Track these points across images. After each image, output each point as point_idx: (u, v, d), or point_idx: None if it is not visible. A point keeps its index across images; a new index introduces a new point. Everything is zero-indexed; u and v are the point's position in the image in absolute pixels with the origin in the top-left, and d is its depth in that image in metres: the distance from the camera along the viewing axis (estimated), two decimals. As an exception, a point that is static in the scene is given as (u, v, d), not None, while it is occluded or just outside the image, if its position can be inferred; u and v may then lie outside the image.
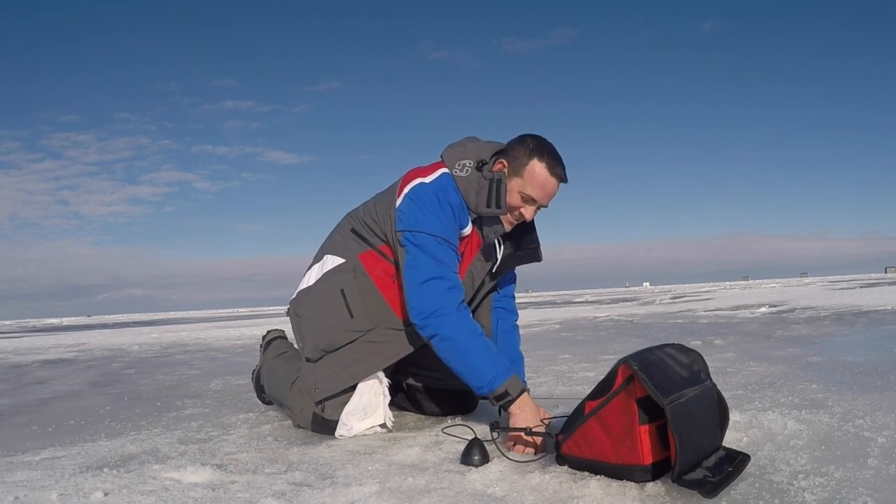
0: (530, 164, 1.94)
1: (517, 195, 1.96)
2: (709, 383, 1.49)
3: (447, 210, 1.94)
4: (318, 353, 2.08)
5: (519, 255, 2.13)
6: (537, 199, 1.96)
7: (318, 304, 2.11)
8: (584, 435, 1.46)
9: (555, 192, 1.99)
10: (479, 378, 1.81)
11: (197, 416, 2.55)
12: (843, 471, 1.39)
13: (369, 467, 1.62)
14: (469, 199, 1.98)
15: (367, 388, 2.05)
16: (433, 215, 1.93)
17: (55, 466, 1.76)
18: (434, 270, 1.89)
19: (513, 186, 1.96)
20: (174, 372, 4.45)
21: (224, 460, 1.76)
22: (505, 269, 2.15)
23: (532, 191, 1.95)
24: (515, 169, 1.96)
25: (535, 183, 1.94)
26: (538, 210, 2.02)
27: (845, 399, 2.16)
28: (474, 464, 1.58)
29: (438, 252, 1.91)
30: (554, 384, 2.92)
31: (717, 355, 3.65)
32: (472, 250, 2.05)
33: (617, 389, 1.40)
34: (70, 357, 6.42)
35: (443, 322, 1.86)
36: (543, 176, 1.94)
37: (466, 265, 2.05)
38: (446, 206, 1.94)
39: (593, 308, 13.03)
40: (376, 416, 2.04)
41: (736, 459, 1.43)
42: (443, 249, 1.91)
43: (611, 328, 6.76)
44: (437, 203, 1.94)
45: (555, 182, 1.96)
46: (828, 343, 4.16)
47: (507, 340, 2.23)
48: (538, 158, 1.94)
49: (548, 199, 2.00)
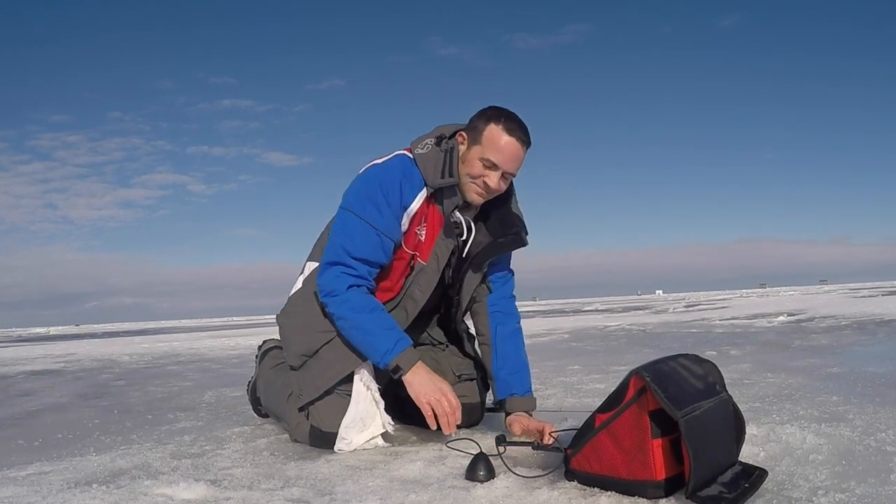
0: (487, 128, 1.98)
1: (478, 163, 1.98)
2: (724, 395, 1.49)
3: (389, 193, 1.99)
4: (300, 360, 2.12)
5: (500, 243, 2.13)
6: (498, 163, 1.98)
7: (296, 311, 2.17)
8: (595, 449, 1.46)
9: (516, 154, 2.00)
10: (374, 353, 1.96)
11: (190, 430, 2.56)
12: (864, 486, 1.39)
13: (370, 483, 1.62)
14: (427, 175, 2.01)
15: (362, 396, 2.06)
16: (370, 198, 1.99)
17: (42, 482, 1.76)
18: (340, 255, 1.99)
19: (473, 155, 1.99)
20: (166, 383, 4.46)
21: (218, 476, 1.76)
22: (487, 258, 2.15)
23: (491, 154, 1.97)
24: (474, 137, 2.00)
25: (493, 146, 1.97)
26: (505, 179, 2.03)
27: (867, 412, 2.16)
28: (479, 479, 1.57)
29: (356, 237, 1.98)
30: (563, 396, 2.91)
31: (732, 366, 3.64)
32: (435, 229, 2.07)
33: (628, 402, 1.40)
34: (57, 368, 6.43)
35: (335, 302, 1.98)
36: (500, 138, 1.97)
37: (430, 246, 2.07)
38: (388, 190, 1.99)
39: (604, 317, 13.02)
40: (375, 425, 2.05)
41: (753, 475, 1.43)
42: (362, 235, 1.98)
43: (622, 338, 6.76)
44: (379, 187, 2.00)
45: (514, 142, 1.98)
46: (849, 353, 4.15)
47: (508, 347, 2.21)
48: (495, 123, 1.98)
49: (510, 164, 2.00)
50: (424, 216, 2.06)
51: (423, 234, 2.06)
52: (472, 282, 2.19)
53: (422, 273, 2.09)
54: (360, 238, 1.98)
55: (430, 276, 2.10)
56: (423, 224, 2.06)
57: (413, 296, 2.12)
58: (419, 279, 2.10)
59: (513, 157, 1.99)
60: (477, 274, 2.18)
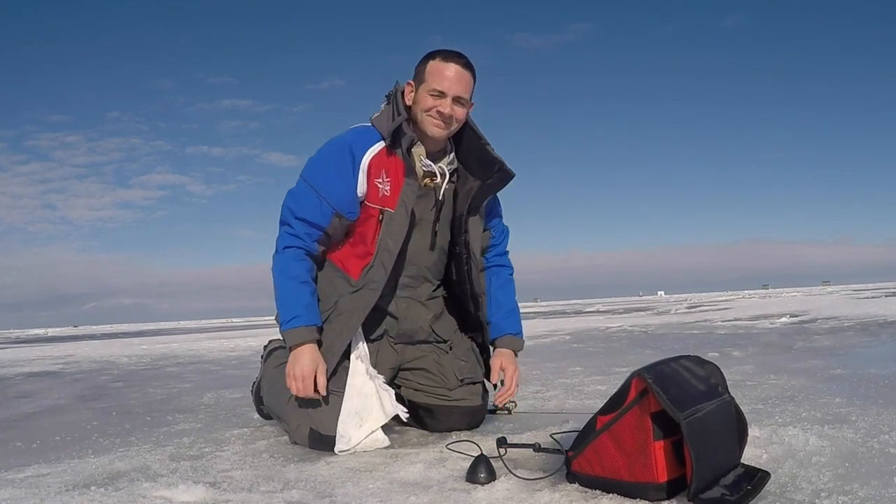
0: (427, 65, 2.12)
1: (428, 97, 2.10)
2: (727, 397, 1.49)
3: (339, 157, 2.12)
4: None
5: (489, 184, 2.22)
6: (444, 89, 2.08)
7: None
8: (596, 451, 1.46)
9: (459, 76, 2.10)
10: (280, 319, 2.09)
11: (189, 432, 2.56)
12: (867, 489, 1.38)
13: (370, 485, 1.62)
14: (383, 129, 2.13)
15: (356, 390, 2.06)
16: (319, 165, 2.15)
17: (40, 484, 1.77)
18: (285, 216, 2.15)
19: (422, 91, 2.12)
20: (165, 385, 4.46)
21: (217, 478, 1.76)
22: (482, 200, 2.23)
23: (436, 83, 2.09)
24: (419, 79, 2.14)
25: (436, 76, 2.09)
26: (458, 103, 2.11)
27: (870, 414, 2.16)
28: (480, 481, 1.58)
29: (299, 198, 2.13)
30: (564, 398, 2.91)
31: (735, 368, 3.64)
32: (399, 178, 2.13)
33: (630, 404, 1.40)
34: (55, 370, 6.43)
35: (273, 260, 2.14)
36: (440, 67, 2.10)
37: (396, 194, 2.12)
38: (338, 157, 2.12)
39: (605, 318, 13.02)
40: (373, 419, 2.05)
41: (755, 477, 1.43)
42: (309, 199, 2.11)
43: (623, 339, 6.76)
44: (329, 154, 2.15)
45: (453, 66, 2.10)
46: (852, 355, 4.15)
47: (500, 296, 2.38)
48: (432, 59, 2.12)
49: (456, 86, 2.10)
50: (385, 169, 2.12)
51: (387, 188, 2.12)
52: (477, 227, 2.26)
53: (391, 221, 2.13)
54: (302, 199, 2.13)
55: (400, 222, 2.12)
56: (384, 178, 2.12)
57: (386, 247, 2.13)
58: (389, 227, 2.13)
59: (456, 80, 2.10)
60: (477, 218, 2.25)
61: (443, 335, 2.35)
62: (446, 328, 2.37)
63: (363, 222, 2.15)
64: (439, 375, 2.29)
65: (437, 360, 2.31)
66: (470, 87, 2.14)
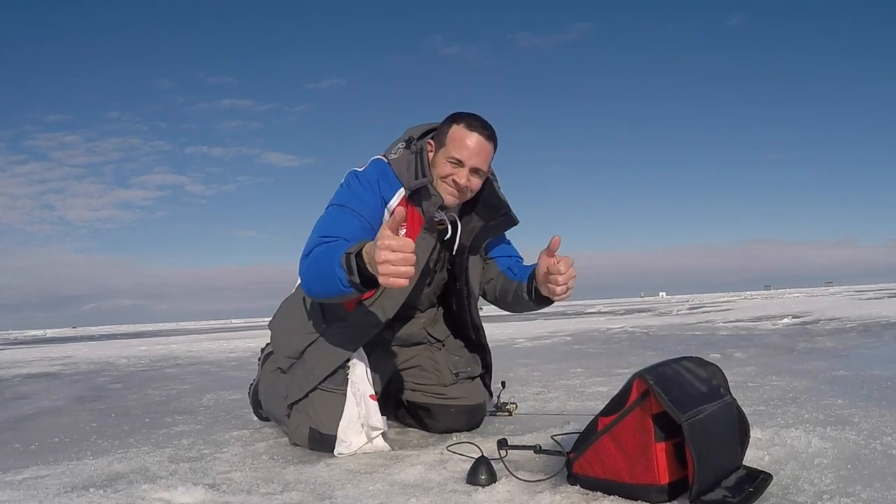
0: (450, 130, 2.08)
1: (446, 163, 2.07)
2: (728, 399, 1.49)
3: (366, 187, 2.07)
4: (288, 362, 2.18)
5: (493, 226, 2.24)
6: (463, 159, 2.05)
7: (284, 314, 2.26)
8: (597, 453, 1.46)
9: (480, 148, 2.07)
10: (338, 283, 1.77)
11: (188, 433, 2.56)
12: (870, 491, 1.38)
13: (370, 487, 1.62)
14: (402, 178, 2.09)
15: (359, 397, 2.06)
16: (350, 190, 2.08)
17: (38, 486, 1.77)
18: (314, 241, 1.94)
19: (441, 157, 2.08)
20: (164, 387, 4.46)
21: (217, 480, 1.76)
22: (483, 241, 2.24)
23: (456, 152, 2.06)
24: (440, 141, 2.10)
25: (457, 144, 2.06)
26: (475, 174, 2.08)
27: (872, 415, 2.16)
28: (481, 483, 1.57)
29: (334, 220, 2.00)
30: (565, 399, 2.91)
31: (737, 369, 3.64)
32: (415, 228, 2.12)
33: (631, 405, 1.40)
34: (54, 371, 6.44)
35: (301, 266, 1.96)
36: (462, 135, 2.06)
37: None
38: (365, 184, 2.07)
39: (606, 319, 13.02)
40: (374, 425, 2.05)
41: (757, 479, 1.43)
42: (341, 218, 2.01)
43: (625, 340, 6.75)
44: (359, 183, 2.08)
45: (475, 136, 2.06)
46: (854, 356, 4.15)
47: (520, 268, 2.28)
48: (456, 123, 2.08)
49: (475, 158, 2.06)
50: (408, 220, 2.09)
51: (401, 233, 2.07)
52: (476, 266, 2.26)
53: None
54: (337, 221, 2.00)
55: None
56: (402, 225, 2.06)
57: (391, 294, 2.11)
58: None
59: (476, 151, 2.07)
60: (477, 257, 2.25)
61: (438, 336, 2.37)
62: (441, 331, 2.38)
63: None
64: (434, 372, 2.31)
65: (432, 356, 2.33)
66: (489, 158, 2.13)
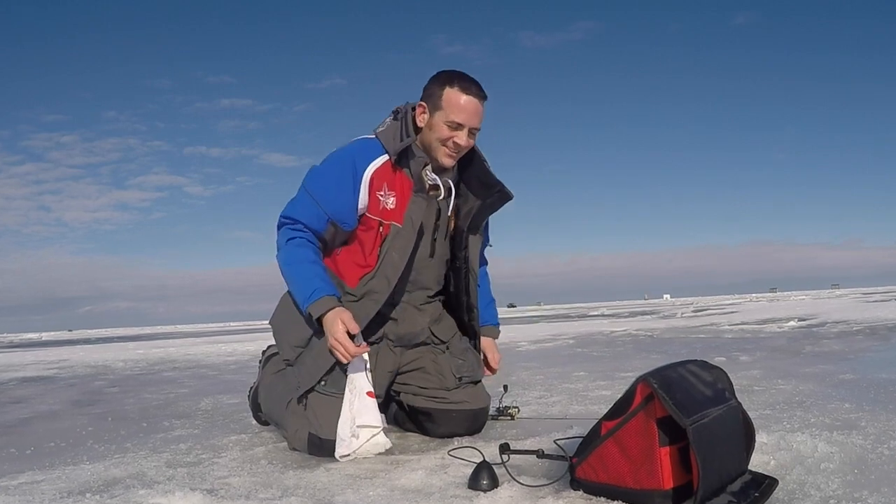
0: (444, 93, 2.15)
1: (444, 127, 2.15)
2: (734, 402, 1.49)
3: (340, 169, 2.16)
4: (295, 352, 2.19)
5: (489, 204, 2.31)
6: (462, 121, 2.14)
7: (286, 305, 2.25)
8: (601, 458, 1.46)
9: (477, 110, 2.17)
10: (300, 299, 2.09)
11: (186, 438, 2.56)
12: (877, 496, 1.38)
13: (370, 492, 1.62)
14: (389, 146, 2.17)
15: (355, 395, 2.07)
16: (319, 175, 2.20)
17: (34, 491, 1.77)
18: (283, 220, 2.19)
19: (437, 120, 2.16)
20: (161, 390, 4.46)
21: (215, 485, 1.76)
22: (483, 219, 2.34)
23: (455, 115, 2.14)
24: (434, 104, 2.17)
25: (455, 107, 2.14)
26: (472, 134, 2.19)
27: (880, 419, 2.16)
28: (483, 488, 1.57)
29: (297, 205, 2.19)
30: (568, 403, 2.91)
31: (742, 372, 3.64)
32: (405, 193, 2.19)
33: (635, 409, 1.40)
34: (50, 374, 6.44)
35: (278, 258, 2.17)
36: (459, 98, 2.14)
37: (402, 210, 2.18)
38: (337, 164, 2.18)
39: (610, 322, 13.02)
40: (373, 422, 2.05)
41: (763, 484, 1.43)
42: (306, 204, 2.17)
43: (628, 343, 6.75)
44: (331, 165, 2.20)
45: (473, 99, 2.16)
46: (861, 359, 4.14)
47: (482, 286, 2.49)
48: (450, 86, 2.16)
49: (474, 119, 2.17)
50: (387, 182, 2.17)
51: (390, 201, 2.17)
52: (477, 244, 2.35)
53: (397, 236, 2.17)
54: (299, 205, 2.18)
55: (407, 238, 2.17)
56: (387, 191, 2.17)
57: (391, 261, 2.17)
58: (395, 242, 2.17)
59: (475, 113, 2.16)
60: (477, 236, 2.35)
61: (441, 337, 2.37)
62: (445, 331, 2.39)
63: (364, 232, 2.19)
64: (437, 375, 2.30)
65: (435, 359, 2.33)
66: (482, 117, 2.21)
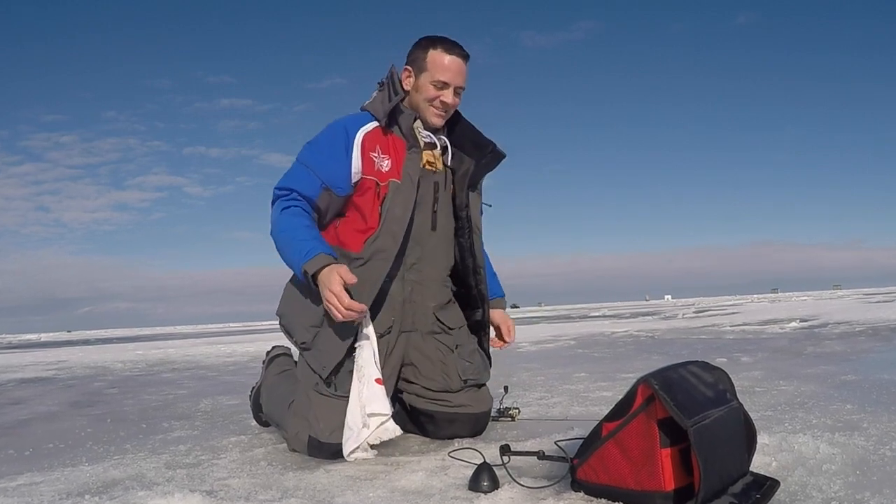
0: (428, 55, 2.24)
1: (430, 87, 2.24)
2: (735, 404, 1.49)
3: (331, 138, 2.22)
4: (311, 332, 2.16)
5: (484, 164, 2.36)
6: (448, 80, 2.23)
7: (292, 293, 2.25)
8: (601, 459, 1.45)
9: (461, 69, 2.27)
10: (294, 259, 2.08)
11: (185, 439, 2.56)
12: (879, 497, 1.38)
13: (370, 494, 1.62)
14: (378, 112, 2.23)
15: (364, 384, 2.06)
16: (311, 146, 2.25)
17: (33, 493, 1.77)
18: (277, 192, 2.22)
19: (424, 81, 2.24)
20: (160, 392, 4.46)
21: (214, 486, 1.76)
22: (479, 178, 2.39)
23: (440, 75, 2.23)
24: (419, 66, 2.26)
25: (440, 67, 2.23)
26: (457, 93, 2.27)
27: (882, 420, 2.15)
28: (483, 490, 1.57)
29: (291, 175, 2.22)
30: (569, 404, 2.91)
31: (743, 373, 3.64)
32: (399, 154, 2.24)
33: (636, 410, 1.40)
34: (49, 375, 6.44)
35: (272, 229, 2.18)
36: (443, 58, 2.24)
37: (398, 168, 2.22)
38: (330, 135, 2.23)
39: (611, 323, 13.01)
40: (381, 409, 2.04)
41: (764, 486, 1.43)
42: (299, 172, 2.21)
43: (630, 344, 6.75)
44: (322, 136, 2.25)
45: (457, 59, 2.25)
46: (863, 360, 4.14)
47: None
48: (433, 48, 2.25)
49: (459, 78, 2.26)
50: (380, 144, 2.22)
51: (385, 164, 2.21)
52: (477, 203, 2.40)
53: (398, 191, 2.19)
54: (293, 174, 2.22)
55: (407, 192, 2.19)
56: (380, 153, 2.21)
57: (394, 216, 2.18)
58: (396, 197, 2.19)
59: (459, 72, 2.26)
60: (476, 194, 2.40)
61: (448, 324, 2.34)
62: (451, 319, 2.36)
63: (360, 197, 2.20)
64: (442, 376, 2.27)
65: (443, 359, 2.29)
66: (467, 77, 2.29)
